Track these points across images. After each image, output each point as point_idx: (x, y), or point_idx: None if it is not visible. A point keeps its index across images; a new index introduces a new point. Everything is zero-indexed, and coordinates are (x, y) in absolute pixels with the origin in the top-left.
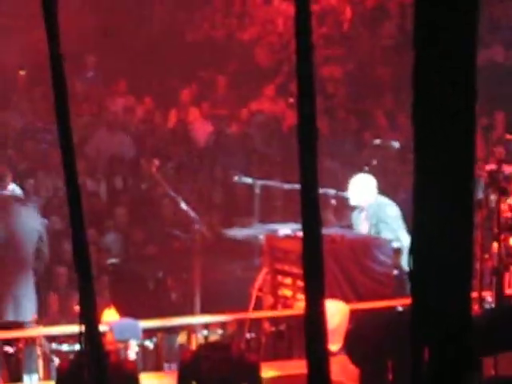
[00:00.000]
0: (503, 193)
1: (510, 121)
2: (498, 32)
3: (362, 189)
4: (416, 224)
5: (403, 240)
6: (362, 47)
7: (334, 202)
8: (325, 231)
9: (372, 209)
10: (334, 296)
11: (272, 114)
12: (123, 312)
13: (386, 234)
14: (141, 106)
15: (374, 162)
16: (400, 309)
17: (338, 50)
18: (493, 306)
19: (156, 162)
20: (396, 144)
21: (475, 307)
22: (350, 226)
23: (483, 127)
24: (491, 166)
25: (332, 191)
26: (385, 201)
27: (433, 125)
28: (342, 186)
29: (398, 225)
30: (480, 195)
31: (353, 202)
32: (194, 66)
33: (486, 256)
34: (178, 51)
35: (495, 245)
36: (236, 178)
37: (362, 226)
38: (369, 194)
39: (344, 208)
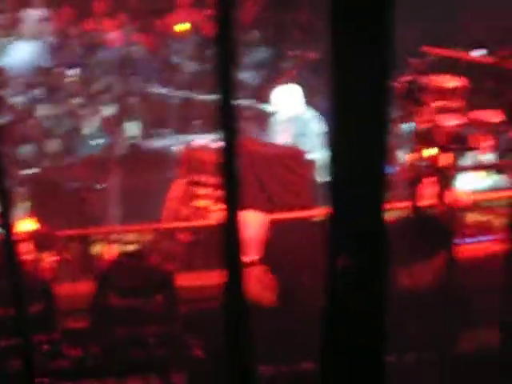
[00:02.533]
0: (420, 104)
1: (425, 33)
2: None
3: (289, 98)
4: (332, 135)
5: (321, 153)
6: None
7: (250, 112)
8: (241, 141)
9: (297, 120)
10: (251, 206)
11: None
12: (42, 222)
13: (305, 147)
14: (58, 17)
15: (293, 73)
16: (316, 219)
17: None
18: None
19: (72, 71)
20: (313, 55)
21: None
22: (268, 137)
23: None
24: (407, 78)
25: (248, 102)
26: (311, 115)
27: (348, 36)
28: (259, 96)
29: (320, 141)
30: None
31: (278, 111)
32: None
33: (402, 167)
34: None
35: (411, 156)
36: (152, 89)
37: (282, 135)
38: (295, 104)
39: (261, 119)
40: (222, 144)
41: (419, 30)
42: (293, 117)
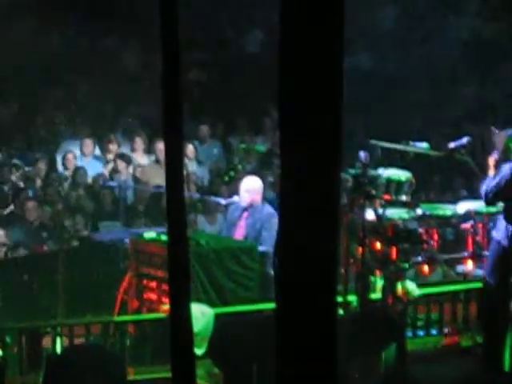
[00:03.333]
0: (368, 197)
1: (370, 126)
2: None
3: (252, 189)
4: (282, 227)
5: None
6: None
7: (202, 205)
8: (191, 234)
9: (258, 213)
10: (199, 300)
11: None
12: None
13: (265, 243)
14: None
15: (240, 167)
16: (267, 313)
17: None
18: (357, 310)
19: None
20: (262, 148)
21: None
22: (219, 231)
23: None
24: (356, 171)
25: (197, 195)
26: (273, 212)
27: (298, 128)
28: (210, 190)
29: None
30: (345, 200)
31: (233, 203)
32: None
33: (351, 260)
34: None
35: (360, 249)
36: (101, 182)
37: (239, 225)
38: (258, 195)
39: (212, 211)
40: (169, 237)
41: (366, 123)
42: (248, 209)
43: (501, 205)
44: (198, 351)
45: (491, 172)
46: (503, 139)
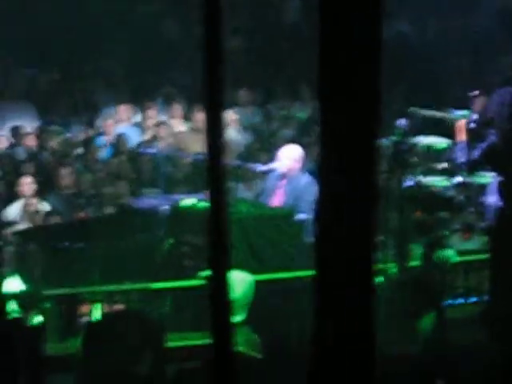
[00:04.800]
0: (407, 164)
1: (409, 94)
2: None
3: (291, 156)
4: (321, 195)
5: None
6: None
7: (242, 172)
8: (230, 201)
9: (296, 181)
10: (238, 267)
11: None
12: (28, 281)
13: (304, 211)
14: (46, 78)
15: (285, 133)
16: (306, 280)
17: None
18: (396, 276)
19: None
20: (303, 114)
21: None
22: (259, 197)
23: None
24: (396, 138)
25: (237, 162)
26: (311, 180)
27: (337, 97)
28: (250, 157)
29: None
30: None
31: (272, 170)
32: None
33: (390, 228)
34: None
35: (399, 217)
36: (141, 149)
37: (277, 193)
38: (297, 163)
39: (251, 178)
40: (210, 204)
41: (404, 91)
42: (287, 177)
43: None
44: (238, 318)
45: (461, 137)
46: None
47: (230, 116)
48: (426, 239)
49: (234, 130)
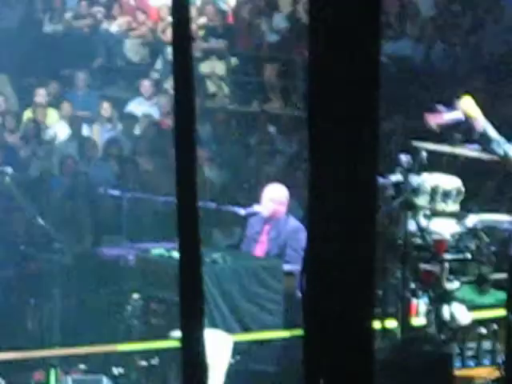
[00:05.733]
0: (410, 207)
1: (411, 126)
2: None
3: (276, 198)
4: (310, 243)
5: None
6: (248, 41)
7: (219, 217)
8: (205, 250)
9: (282, 226)
10: (214, 326)
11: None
12: None
13: (290, 261)
14: None
15: (266, 171)
16: (293, 341)
17: (220, 44)
18: (398, 336)
19: (9, 169)
20: (290, 150)
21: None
22: (236, 246)
23: (384, 132)
24: (397, 177)
25: (213, 204)
26: (299, 225)
27: (329, 128)
28: (228, 199)
29: (300, 251)
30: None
31: (254, 214)
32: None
33: (391, 280)
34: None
35: (400, 267)
36: (101, 190)
37: (260, 240)
38: (282, 205)
39: (229, 223)
40: (181, 254)
41: (407, 121)
42: (271, 222)
43: None
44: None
45: None
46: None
47: (203, 152)
48: (433, 293)
49: (207, 167)
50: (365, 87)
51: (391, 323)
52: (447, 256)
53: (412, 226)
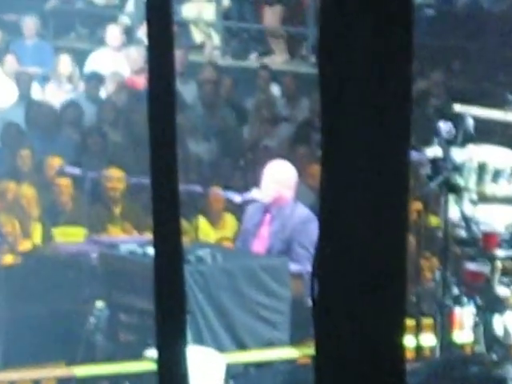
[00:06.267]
0: (452, 189)
1: (453, 85)
2: None
3: (280, 179)
4: (323, 236)
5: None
6: None
7: (207, 202)
8: (188, 246)
9: (287, 215)
10: (201, 342)
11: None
12: None
13: (298, 259)
14: None
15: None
16: (302, 362)
17: None
18: (436, 356)
19: None
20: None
21: (410, 357)
22: (230, 239)
23: (418, 93)
24: (435, 151)
25: (199, 188)
26: (309, 215)
27: (348, 91)
28: (218, 180)
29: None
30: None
31: (253, 201)
32: None
33: (427, 282)
34: None
35: (439, 265)
36: (58, 168)
37: (259, 233)
38: (288, 189)
39: (219, 212)
40: (157, 251)
41: (449, 80)
42: (274, 210)
43: None
44: None
45: None
46: None
47: (186, 120)
48: (481, 299)
49: (192, 139)
50: (393, 34)
51: (428, 339)
52: (499, 253)
53: (454, 213)
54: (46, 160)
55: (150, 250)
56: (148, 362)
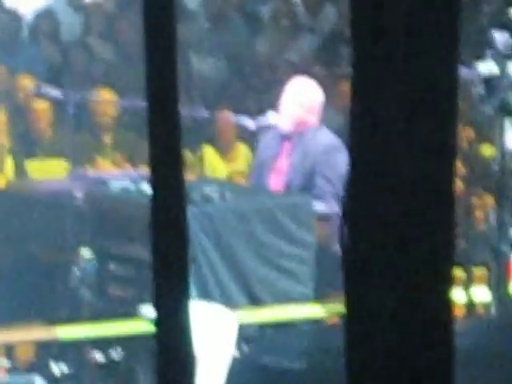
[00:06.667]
0: (510, 113)
1: None
2: None
3: (304, 100)
4: (355, 168)
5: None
6: None
7: (216, 129)
8: (192, 182)
9: (309, 146)
10: (208, 297)
11: None
12: None
13: (323, 197)
14: None
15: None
16: (329, 323)
17: None
18: (491, 312)
19: None
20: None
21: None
22: (243, 173)
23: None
24: (489, 66)
25: (205, 112)
26: (335, 142)
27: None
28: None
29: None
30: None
31: (271, 127)
32: None
33: (481, 225)
34: None
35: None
36: (34, 89)
37: (277, 166)
38: (312, 113)
39: (230, 141)
40: (155, 189)
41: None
42: (295, 138)
43: None
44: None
45: None
46: None
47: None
48: None
49: (196, 54)
50: None
51: (481, 293)
52: None
53: None
54: (17, 79)
55: (146, 187)
56: (143, 321)
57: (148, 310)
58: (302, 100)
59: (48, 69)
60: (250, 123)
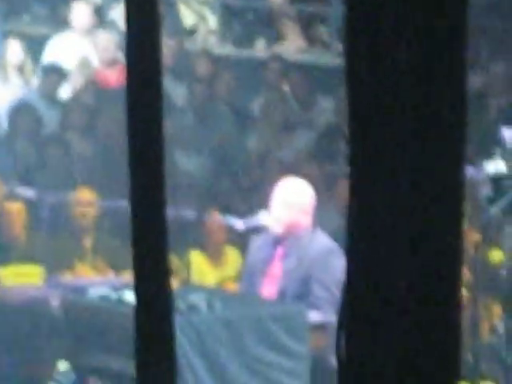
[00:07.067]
0: None
1: None
2: None
3: (296, 202)
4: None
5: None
6: None
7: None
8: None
9: (302, 251)
10: None
11: None
12: None
13: (319, 305)
14: None
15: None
16: None
17: None
18: None
19: None
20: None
21: None
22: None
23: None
24: (497, 165)
25: (192, 213)
26: (332, 246)
27: (380, 89)
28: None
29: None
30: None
31: (261, 229)
32: None
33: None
34: None
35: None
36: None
37: (269, 272)
38: (305, 214)
39: (218, 244)
40: (137, 298)
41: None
42: (287, 242)
43: None
44: None
45: None
46: None
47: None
48: None
49: (182, 152)
50: (443, 13)
51: None
52: None
53: None
54: None
55: (128, 296)
56: None
57: None
58: (292, 201)
59: (23, 167)
60: (239, 224)
